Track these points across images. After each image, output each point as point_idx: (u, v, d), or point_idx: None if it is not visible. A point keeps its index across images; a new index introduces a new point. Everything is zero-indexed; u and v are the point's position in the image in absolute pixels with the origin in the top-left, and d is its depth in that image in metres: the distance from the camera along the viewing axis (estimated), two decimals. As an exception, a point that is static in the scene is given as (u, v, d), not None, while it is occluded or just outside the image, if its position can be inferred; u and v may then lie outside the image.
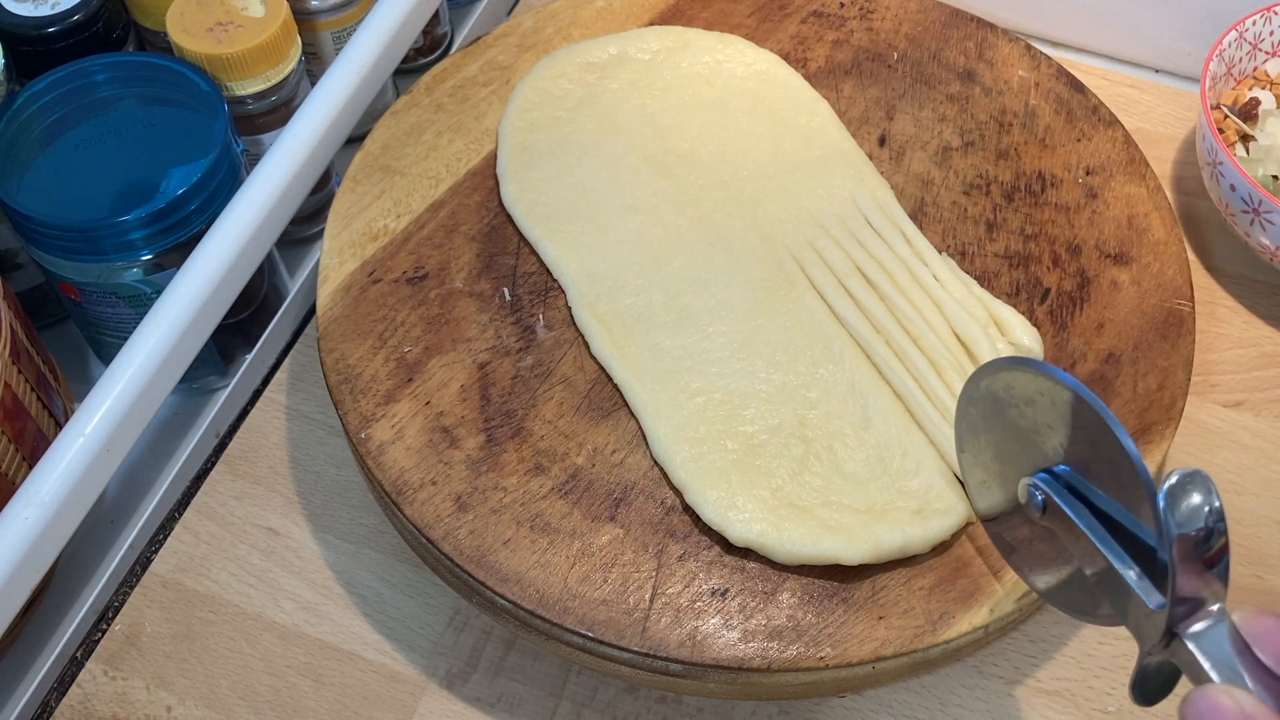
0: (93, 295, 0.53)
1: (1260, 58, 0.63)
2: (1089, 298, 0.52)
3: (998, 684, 0.49)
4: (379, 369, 0.50)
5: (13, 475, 0.48)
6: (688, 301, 0.51)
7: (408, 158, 0.57)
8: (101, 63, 0.55)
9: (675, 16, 0.62)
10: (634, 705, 0.49)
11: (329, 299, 0.52)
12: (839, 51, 0.61)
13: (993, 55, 0.60)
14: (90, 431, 0.47)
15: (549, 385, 0.50)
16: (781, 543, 0.44)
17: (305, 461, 0.56)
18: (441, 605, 0.52)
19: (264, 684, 0.50)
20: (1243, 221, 0.57)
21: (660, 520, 0.46)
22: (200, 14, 0.56)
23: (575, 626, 0.44)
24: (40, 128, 0.53)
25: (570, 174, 0.55)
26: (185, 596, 0.52)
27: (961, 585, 0.45)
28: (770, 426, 0.47)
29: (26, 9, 0.55)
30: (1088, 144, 0.57)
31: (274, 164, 0.54)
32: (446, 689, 0.50)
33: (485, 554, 0.46)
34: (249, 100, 0.57)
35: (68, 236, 0.50)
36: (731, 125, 0.57)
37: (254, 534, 0.54)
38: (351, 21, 0.63)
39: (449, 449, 0.48)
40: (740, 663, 0.43)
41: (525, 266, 0.53)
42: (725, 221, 0.53)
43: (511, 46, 0.61)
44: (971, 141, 0.57)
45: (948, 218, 0.55)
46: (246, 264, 0.53)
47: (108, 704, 0.50)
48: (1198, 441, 0.55)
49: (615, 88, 0.58)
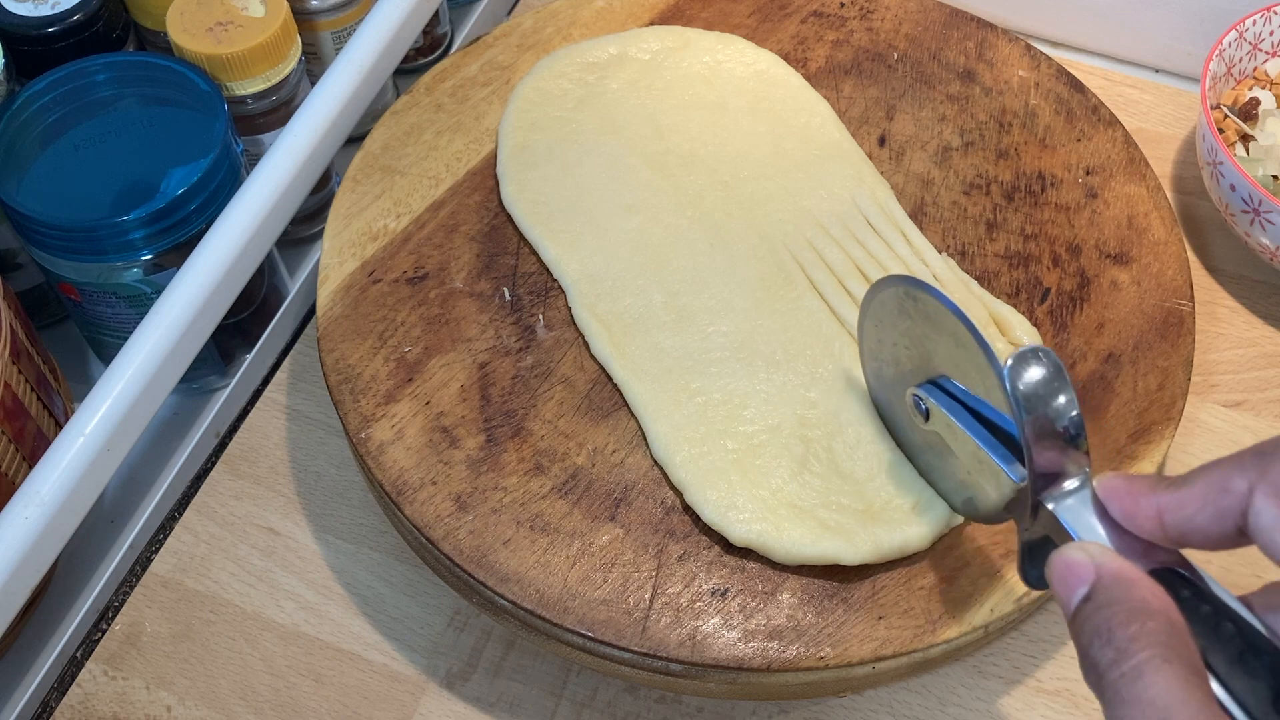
0: (93, 295, 0.53)
1: (1260, 58, 0.63)
2: (1089, 297, 0.52)
3: (998, 684, 0.49)
4: (379, 369, 0.50)
5: (13, 475, 0.48)
6: (688, 301, 0.51)
7: (408, 158, 0.57)
8: (101, 63, 0.55)
9: (675, 16, 0.62)
10: (634, 705, 0.49)
11: (329, 299, 0.52)
12: (839, 51, 0.61)
13: (993, 55, 0.60)
14: (90, 431, 0.47)
15: (549, 385, 0.50)
16: (781, 543, 0.44)
17: (305, 461, 0.56)
18: (441, 605, 0.52)
19: (264, 684, 0.50)
20: (1243, 221, 0.57)
21: (660, 520, 0.46)
22: (200, 14, 0.56)
23: (575, 626, 0.44)
24: (40, 128, 0.53)
25: (570, 174, 0.55)
26: (185, 596, 0.52)
27: (961, 585, 0.45)
28: (770, 426, 0.47)
29: (26, 9, 0.55)
30: (1088, 144, 0.57)
31: (274, 164, 0.54)
32: (446, 689, 0.50)
33: (485, 554, 0.46)
34: (249, 100, 0.57)
35: (68, 236, 0.50)
36: (731, 125, 0.57)
37: (254, 534, 0.54)
38: (351, 21, 0.63)
39: (449, 449, 0.48)
40: (740, 663, 0.43)
41: (525, 266, 0.53)
42: (725, 221, 0.53)
43: (511, 46, 0.61)
44: (971, 141, 0.57)
45: (948, 217, 0.55)
46: (246, 264, 0.53)
47: (108, 704, 0.50)
48: (1198, 441, 0.55)
49: (615, 88, 0.58)
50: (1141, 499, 0.33)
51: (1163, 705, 0.28)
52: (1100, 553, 0.32)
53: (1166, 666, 0.28)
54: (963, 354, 0.39)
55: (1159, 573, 0.32)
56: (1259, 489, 0.30)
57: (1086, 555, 0.32)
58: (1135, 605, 0.30)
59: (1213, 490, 0.31)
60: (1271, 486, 0.30)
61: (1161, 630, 0.29)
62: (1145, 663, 0.28)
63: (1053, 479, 0.36)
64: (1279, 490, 0.29)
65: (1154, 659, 0.28)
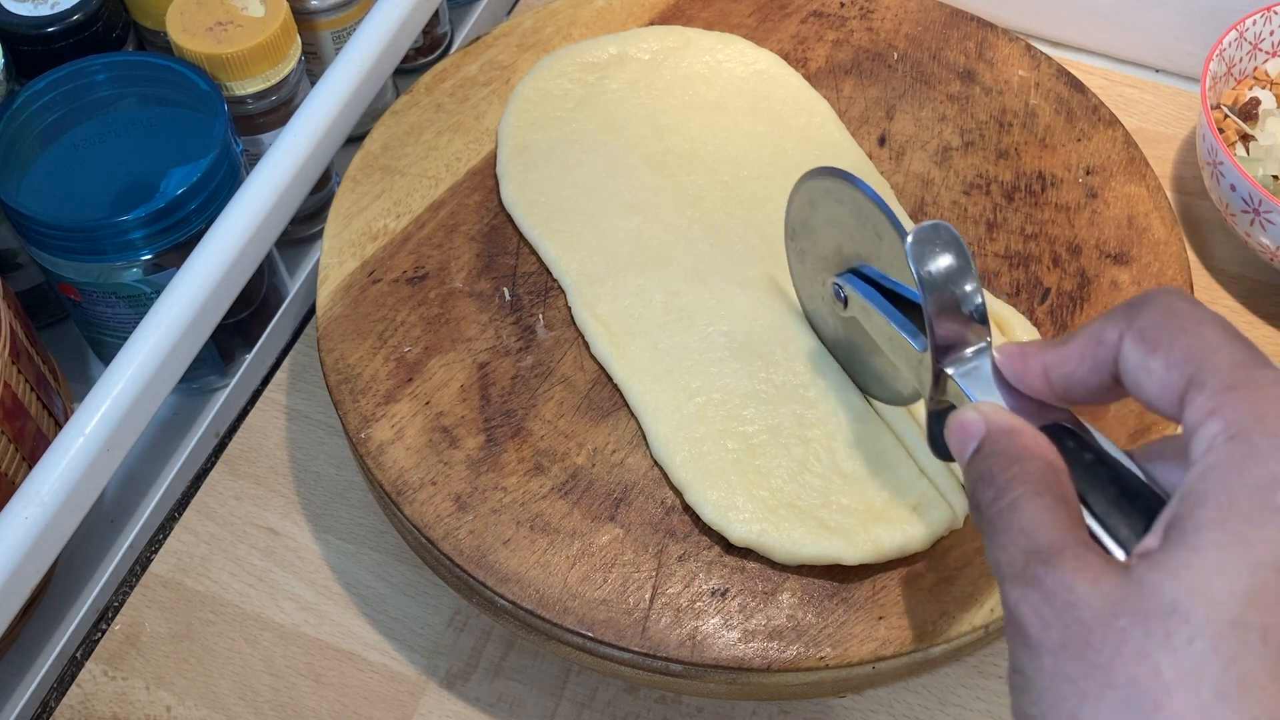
0: (93, 295, 0.53)
1: (1260, 57, 0.63)
2: (1089, 297, 0.52)
3: (998, 684, 0.49)
4: (379, 369, 0.50)
5: (13, 475, 0.48)
6: (687, 301, 0.51)
7: (407, 157, 0.57)
8: (101, 62, 0.55)
9: (675, 16, 0.62)
10: (634, 705, 0.49)
11: (329, 299, 0.52)
12: (839, 51, 0.61)
13: (993, 55, 0.60)
14: (90, 431, 0.47)
15: (549, 385, 0.50)
16: (781, 543, 0.44)
17: (305, 461, 0.56)
18: (441, 605, 0.52)
19: (264, 684, 0.50)
20: (1243, 221, 0.57)
21: (660, 520, 0.46)
22: (200, 14, 0.56)
23: (575, 626, 0.44)
24: (40, 127, 0.53)
25: (570, 174, 0.55)
26: (185, 596, 0.52)
27: (961, 585, 0.45)
28: (770, 426, 0.47)
29: (26, 9, 0.55)
30: (1088, 144, 0.57)
31: (274, 164, 0.54)
32: (446, 689, 0.50)
33: (485, 554, 0.46)
34: (249, 100, 0.57)
35: (68, 236, 0.50)
36: (731, 125, 0.57)
37: (254, 534, 0.54)
38: (351, 21, 0.63)
39: (449, 449, 0.48)
40: (740, 663, 0.43)
41: (525, 266, 0.53)
42: (725, 221, 0.53)
43: (511, 46, 0.61)
44: (971, 141, 0.57)
45: (948, 217, 0.55)
46: (246, 264, 0.53)
47: (108, 704, 0.50)
48: (1198, 441, 0.55)
49: (615, 87, 0.58)
50: (1030, 359, 0.35)
51: (1030, 530, 0.30)
52: (992, 411, 0.34)
53: (1038, 499, 0.30)
54: (879, 240, 0.41)
55: (1049, 429, 0.34)
56: (1127, 335, 0.31)
57: (979, 414, 0.34)
58: (1017, 451, 0.32)
59: (1089, 344, 0.33)
60: (1137, 332, 0.31)
61: (1038, 470, 0.31)
62: (1020, 497, 0.31)
63: (955, 348, 0.38)
64: (1143, 335, 0.31)
65: (1027, 493, 0.31)
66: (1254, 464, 0.27)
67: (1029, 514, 0.30)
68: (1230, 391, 0.28)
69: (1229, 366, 0.29)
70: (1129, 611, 0.27)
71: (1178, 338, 0.30)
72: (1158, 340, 0.31)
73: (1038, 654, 0.28)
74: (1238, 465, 0.27)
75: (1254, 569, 0.26)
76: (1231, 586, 0.26)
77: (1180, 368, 0.30)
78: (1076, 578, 0.28)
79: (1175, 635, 0.26)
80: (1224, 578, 0.26)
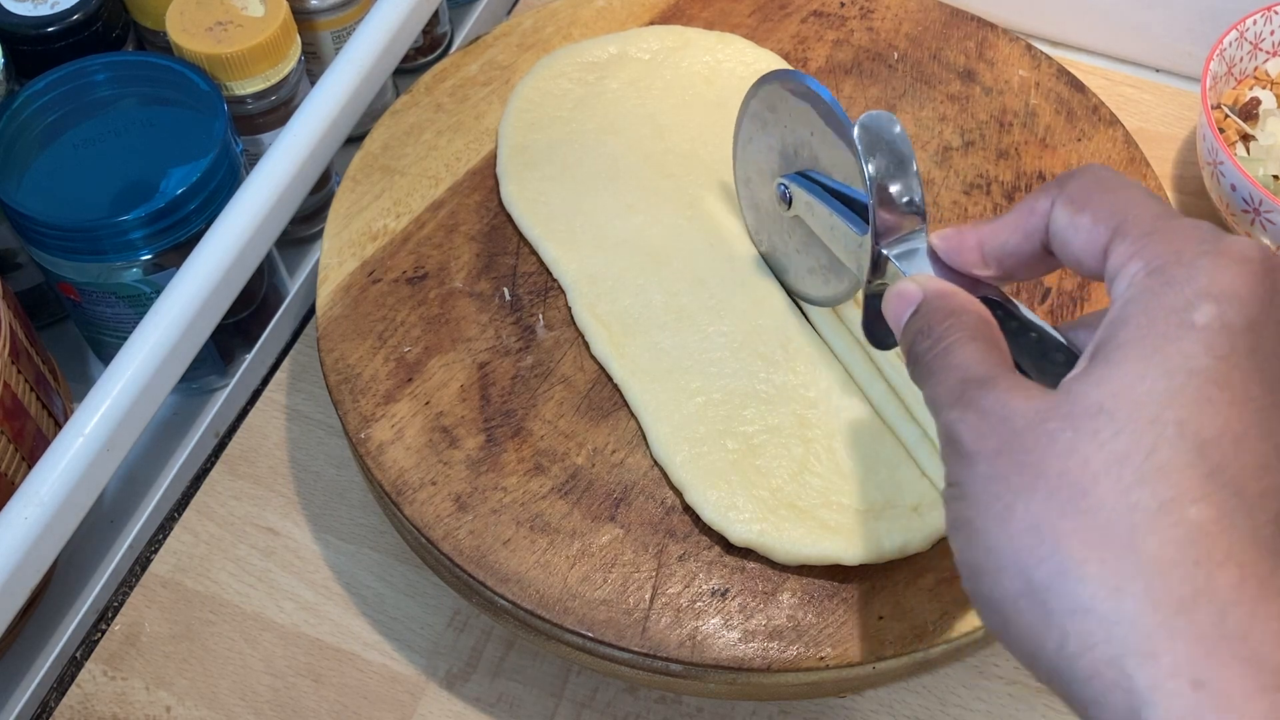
0: (92, 295, 0.53)
1: (1261, 57, 0.63)
2: (1089, 297, 0.52)
3: (998, 684, 0.49)
4: (379, 369, 0.50)
5: (12, 475, 0.48)
6: (687, 301, 0.51)
7: (407, 157, 0.57)
8: (101, 62, 0.55)
9: (675, 16, 0.62)
10: (634, 705, 0.49)
11: (329, 299, 0.52)
12: (839, 51, 0.61)
13: (993, 55, 0.60)
14: (90, 431, 0.47)
15: (549, 385, 0.50)
16: (782, 543, 0.44)
17: (305, 461, 0.56)
18: (441, 605, 0.52)
19: (264, 684, 0.50)
20: (1243, 221, 0.57)
21: (660, 520, 0.46)
22: (200, 13, 0.56)
23: (575, 627, 0.44)
24: (40, 127, 0.53)
25: (570, 174, 0.55)
26: (185, 596, 0.52)
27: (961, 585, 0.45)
28: (770, 426, 0.47)
29: (26, 9, 0.55)
30: (1088, 144, 0.57)
31: (274, 164, 0.54)
32: (446, 689, 0.50)
33: (485, 554, 0.46)
34: (249, 100, 0.57)
35: (68, 236, 0.50)
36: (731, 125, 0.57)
37: (254, 534, 0.54)
38: (351, 21, 0.63)
39: (449, 449, 0.48)
40: (740, 663, 0.43)
41: (525, 266, 0.53)
42: (725, 222, 0.53)
43: (511, 46, 0.61)
44: (972, 141, 0.57)
45: (948, 217, 0.55)
46: (246, 264, 0.53)
47: (107, 704, 0.50)
48: (1198, 441, 0.55)
49: (615, 87, 0.58)
50: (965, 236, 0.37)
51: (966, 365, 0.32)
52: (927, 280, 0.36)
53: (972, 342, 0.33)
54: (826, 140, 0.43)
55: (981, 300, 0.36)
56: (1058, 200, 0.34)
57: (915, 283, 0.36)
58: (952, 307, 0.34)
59: (1022, 215, 0.35)
60: (1067, 198, 0.33)
61: (972, 320, 0.34)
62: (955, 341, 0.33)
63: (893, 231, 0.40)
64: (1072, 199, 0.33)
65: (962, 338, 0.33)
66: (1170, 290, 0.30)
67: (965, 353, 0.33)
68: (1149, 236, 0.31)
69: (1150, 217, 0.32)
70: (1059, 416, 0.29)
71: (1105, 196, 0.33)
72: (1086, 200, 0.33)
73: (973, 462, 0.30)
74: (1156, 293, 0.30)
75: (1170, 374, 0.29)
76: (1151, 389, 0.29)
77: (1106, 221, 0.32)
78: (1010, 395, 0.31)
79: (1101, 432, 0.28)
80: (1144, 382, 0.29)
